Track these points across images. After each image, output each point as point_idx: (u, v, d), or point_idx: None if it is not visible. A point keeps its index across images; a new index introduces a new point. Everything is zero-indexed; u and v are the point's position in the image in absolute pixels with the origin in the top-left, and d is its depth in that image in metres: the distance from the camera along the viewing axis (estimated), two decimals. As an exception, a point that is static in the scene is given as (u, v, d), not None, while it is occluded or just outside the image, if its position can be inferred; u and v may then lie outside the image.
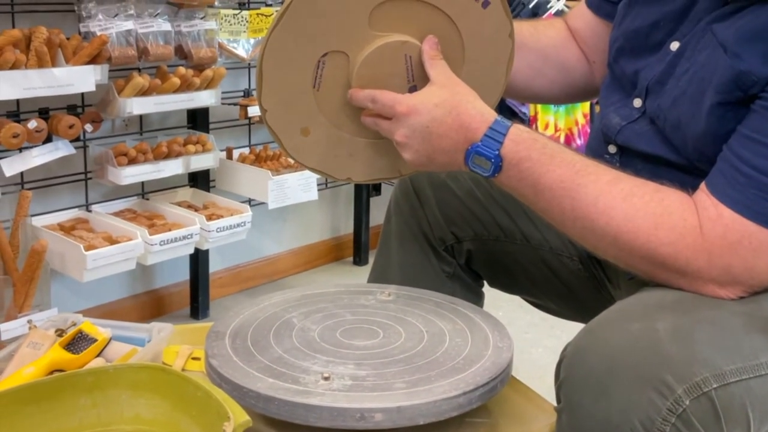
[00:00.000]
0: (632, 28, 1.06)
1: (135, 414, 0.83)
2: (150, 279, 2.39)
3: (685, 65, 0.96)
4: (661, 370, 0.74)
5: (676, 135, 0.97)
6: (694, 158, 0.96)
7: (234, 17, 2.22)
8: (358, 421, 0.80)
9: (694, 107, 0.93)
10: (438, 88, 0.96)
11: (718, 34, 0.92)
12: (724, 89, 0.89)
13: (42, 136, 1.85)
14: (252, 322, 0.98)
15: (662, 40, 1.01)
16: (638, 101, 1.02)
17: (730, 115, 0.90)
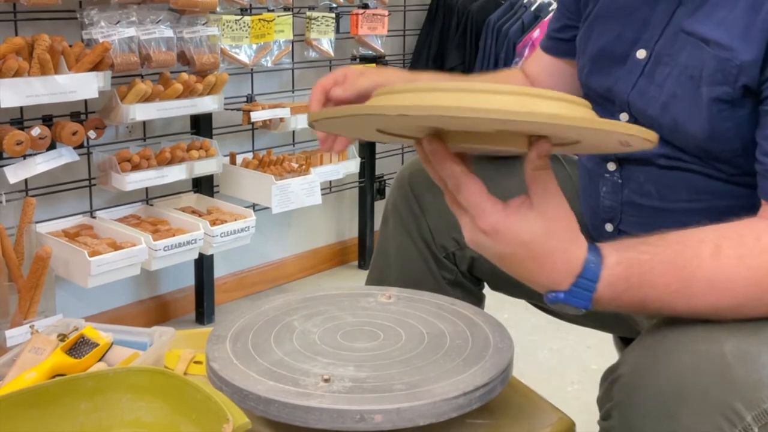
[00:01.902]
0: (595, 48, 1.07)
1: (135, 417, 0.83)
2: (155, 285, 2.40)
3: (665, 70, 0.97)
4: (729, 395, 0.72)
5: (676, 137, 0.97)
6: (701, 157, 0.96)
7: (236, 23, 2.23)
8: (357, 423, 0.80)
9: (691, 107, 0.93)
10: (534, 220, 0.78)
11: (695, 32, 0.93)
12: (715, 82, 0.90)
13: (46, 143, 1.86)
14: (253, 326, 0.98)
15: (626, 51, 1.02)
16: (624, 115, 1.03)
17: (727, 113, 0.90)
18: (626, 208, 1.05)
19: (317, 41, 2.53)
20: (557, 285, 0.79)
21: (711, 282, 0.79)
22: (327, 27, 2.54)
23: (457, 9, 2.81)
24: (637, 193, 1.04)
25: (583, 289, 0.79)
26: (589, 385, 2.02)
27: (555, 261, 0.79)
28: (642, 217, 1.03)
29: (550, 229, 0.78)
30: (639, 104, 1.00)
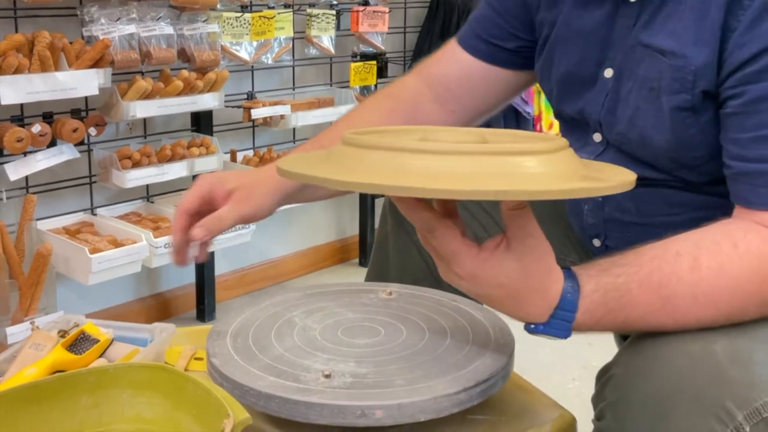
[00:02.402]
0: (560, 73, 1.06)
1: (136, 413, 0.83)
2: (156, 282, 2.40)
3: (627, 85, 0.96)
4: (721, 395, 0.72)
5: (645, 152, 0.96)
6: (671, 168, 0.96)
7: (236, 20, 2.23)
8: (358, 418, 0.80)
9: (655, 118, 0.93)
10: (511, 263, 0.78)
11: (650, 44, 0.93)
12: (674, 91, 0.89)
13: (46, 140, 1.86)
14: (253, 322, 0.98)
15: (594, 72, 1.01)
16: (597, 135, 1.03)
17: (690, 121, 0.90)
18: (609, 225, 1.05)
19: (318, 38, 2.53)
20: (536, 318, 0.81)
21: (694, 296, 0.79)
22: (327, 24, 2.54)
23: (458, 6, 2.80)
24: (617, 210, 1.04)
25: (562, 320, 0.80)
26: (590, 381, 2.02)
27: (533, 299, 0.80)
28: (625, 233, 1.03)
29: (527, 270, 0.78)
30: (609, 122, 0.99)
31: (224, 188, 1.03)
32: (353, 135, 0.78)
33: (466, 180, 0.70)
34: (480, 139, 0.80)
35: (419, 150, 0.72)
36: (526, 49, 1.14)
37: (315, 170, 0.75)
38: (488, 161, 0.72)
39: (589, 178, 0.75)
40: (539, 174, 0.73)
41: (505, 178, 0.71)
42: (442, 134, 0.81)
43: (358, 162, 0.75)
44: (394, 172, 0.72)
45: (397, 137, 0.84)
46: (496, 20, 1.15)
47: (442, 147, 0.73)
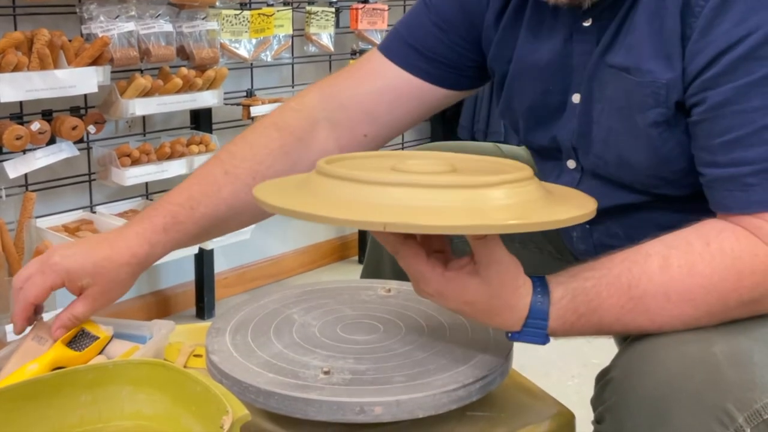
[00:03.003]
0: (526, 106, 1.03)
1: (135, 410, 0.83)
2: (155, 280, 2.40)
3: (597, 107, 0.95)
4: (721, 397, 0.72)
5: (624, 172, 0.95)
6: (652, 186, 0.95)
7: (235, 17, 2.23)
8: (357, 415, 0.80)
9: (630, 137, 0.92)
10: (476, 286, 0.80)
11: (615, 62, 0.92)
12: (648, 106, 0.88)
13: (45, 137, 1.86)
14: (252, 318, 0.98)
15: (561, 100, 0.99)
16: (572, 162, 1.01)
17: (666, 134, 0.89)
18: (600, 250, 1.02)
19: (317, 36, 2.53)
20: (510, 328, 0.83)
21: (666, 295, 0.79)
22: (327, 21, 2.54)
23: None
24: (606, 236, 1.03)
25: (536, 328, 0.82)
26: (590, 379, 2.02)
27: (502, 313, 0.82)
28: None
29: (493, 292, 0.80)
30: (583, 146, 0.98)
31: (77, 285, 0.99)
32: (326, 165, 0.82)
33: (437, 215, 0.73)
34: (449, 168, 0.83)
35: (391, 183, 0.76)
36: (470, 68, 1.09)
37: (291, 202, 0.78)
38: (458, 195, 0.75)
39: (550, 210, 0.78)
40: (506, 206, 0.76)
41: (472, 212, 0.74)
42: (412, 163, 0.83)
43: (332, 195, 0.78)
44: (367, 206, 0.75)
45: (370, 168, 0.86)
46: (438, 35, 1.07)
47: (413, 180, 0.77)
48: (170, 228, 1.02)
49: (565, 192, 0.87)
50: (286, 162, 1.07)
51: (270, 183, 0.88)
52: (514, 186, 0.78)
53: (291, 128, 1.09)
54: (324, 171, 0.81)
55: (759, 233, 0.81)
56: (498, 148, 1.26)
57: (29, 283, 0.98)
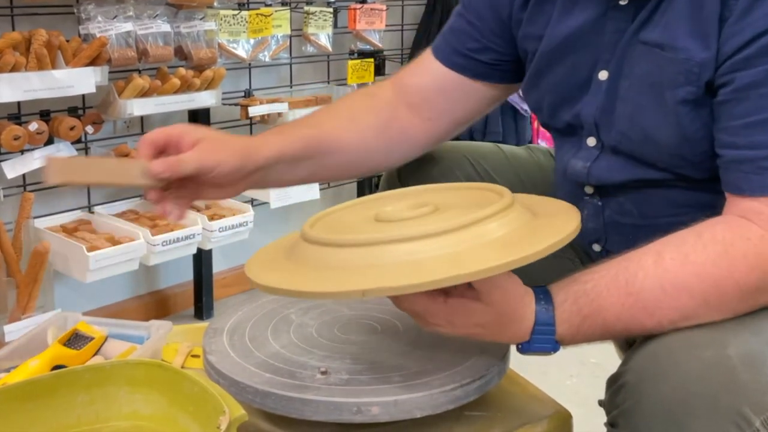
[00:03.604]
0: (552, 83, 1.05)
1: (132, 410, 0.83)
2: (153, 280, 2.40)
3: (625, 83, 0.96)
4: (737, 401, 0.72)
5: (647, 149, 0.96)
6: (674, 165, 0.95)
7: (233, 18, 2.23)
8: (354, 415, 0.80)
9: (658, 114, 0.93)
10: (481, 311, 0.82)
11: (649, 39, 0.93)
12: (679, 84, 0.89)
13: (43, 138, 1.86)
14: (250, 319, 0.98)
15: (588, 76, 1.01)
16: (592, 140, 1.02)
17: (694, 114, 0.90)
18: (610, 229, 1.05)
19: (315, 36, 2.53)
20: (520, 340, 0.84)
21: (662, 288, 0.80)
22: (325, 22, 2.54)
23: (455, 4, 2.80)
24: (618, 214, 1.03)
25: (543, 335, 0.83)
26: (588, 378, 2.03)
27: (511, 328, 0.83)
28: (626, 236, 1.02)
29: (499, 311, 0.82)
30: (606, 123, 0.99)
31: (193, 135, 0.99)
32: (309, 230, 0.84)
33: (416, 270, 0.74)
34: (431, 208, 0.84)
35: (370, 242, 0.78)
36: (502, 62, 1.13)
37: (284, 278, 0.80)
38: (438, 242, 0.77)
39: (545, 233, 0.79)
40: (488, 243, 0.78)
41: (452, 261, 0.75)
42: (390, 210, 0.86)
43: (315, 263, 0.80)
44: (348, 272, 0.77)
45: (352, 223, 0.87)
46: (472, 34, 1.14)
47: (392, 234, 0.78)
48: (275, 133, 1.07)
49: (544, 203, 0.88)
50: (377, 119, 1.15)
51: (262, 252, 0.90)
52: (497, 218, 0.79)
53: (382, 98, 1.18)
54: (307, 237, 0.83)
55: (757, 218, 0.81)
56: (499, 148, 1.26)
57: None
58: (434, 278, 0.73)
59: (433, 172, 1.20)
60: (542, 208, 0.87)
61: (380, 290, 0.73)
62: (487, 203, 0.82)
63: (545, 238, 0.78)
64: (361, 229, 0.83)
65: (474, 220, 0.78)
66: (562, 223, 0.82)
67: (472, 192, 0.90)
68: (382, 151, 1.16)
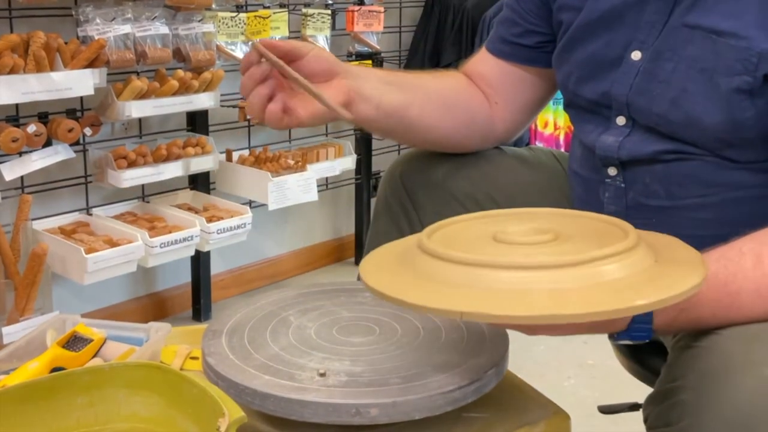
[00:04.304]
0: (583, 56, 1.06)
1: (132, 412, 0.83)
2: (151, 282, 2.40)
3: (667, 66, 0.96)
4: None
5: (690, 132, 0.96)
6: (716, 148, 0.95)
7: (231, 20, 2.23)
8: (353, 417, 0.80)
9: (707, 100, 0.93)
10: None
11: (700, 24, 0.93)
12: (734, 72, 0.89)
13: (41, 140, 1.86)
14: (249, 321, 0.98)
15: (619, 55, 1.01)
16: (621, 119, 1.02)
17: (748, 102, 0.90)
18: (632, 212, 1.03)
19: (313, 38, 2.53)
20: (618, 330, 0.83)
21: (758, 292, 0.81)
22: (323, 24, 2.54)
23: (453, 5, 2.81)
24: (643, 195, 1.02)
25: (642, 324, 0.82)
26: (585, 380, 2.03)
27: (614, 324, 0.82)
28: (650, 219, 1.02)
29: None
30: (641, 104, 0.99)
31: (303, 51, 1.02)
32: (427, 240, 0.82)
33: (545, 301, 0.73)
34: (550, 236, 0.82)
35: (492, 265, 0.76)
36: (545, 44, 1.15)
37: (388, 282, 0.80)
38: (563, 275, 0.75)
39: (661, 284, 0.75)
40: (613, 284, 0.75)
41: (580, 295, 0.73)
42: (510, 231, 0.85)
43: (426, 275, 0.79)
44: (471, 292, 0.75)
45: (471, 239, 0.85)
46: (513, 19, 1.17)
47: (516, 261, 0.76)
48: (383, 80, 1.11)
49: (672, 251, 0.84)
50: (463, 96, 1.19)
51: (378, 253, 0.90)
52: (616, 260, 0.76)
53: (467, 86, 1.22)
54: (422, 245, 0.82)
55: None
56: (500, 149, 1.26)
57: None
58: (531, 314, 0.72)
59: (435, 173, 1.19)
60: (668, 252, 0.83)
61: (479, 315, 0.73)
62: (610, 240, 0.80)
63: (657, 291, 0.74)
64: (476, 247, 0.82)
65: (593, 257, 0.76)
66: (682, 275, 0.77)
67: (598, 225, 0.87)
68: (469, 134, 1.19)
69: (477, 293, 0.75)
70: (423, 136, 1.18)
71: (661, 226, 0.88)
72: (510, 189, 1.20)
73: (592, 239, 0.82)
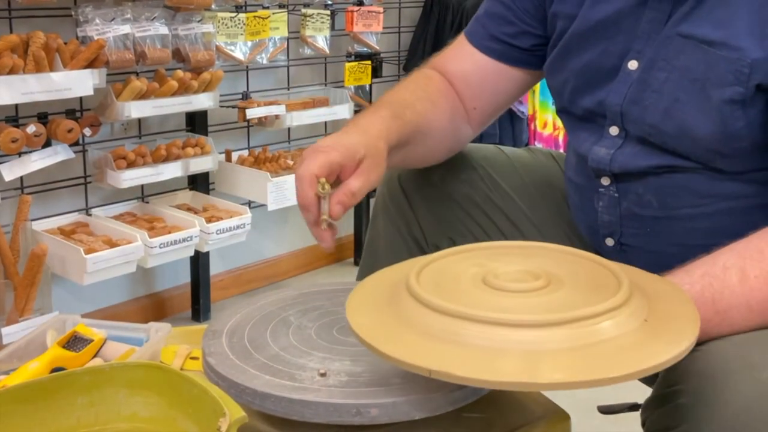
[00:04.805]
0: (579, 65, 1.04)
1: (132, 412, 0.83)
2: (151, 282, 2.40)
3: (660, 76, 0.95)
4: None
5: (681, 143, 0.95)
6: (708, 159, 0.95)
7: (231, 20, 2.23)
8: (354, 417, 0.80)
9: (699, 111, 0.92)
10: None
11: (693, 34, 0.92)
12: (726, 83, 0.89)
13: (41, 140, 1.86)
14: (249, 321, 0.98)
15: (616, 64, 1.00)
16: (615, 129, 1.01)
17: (740, 113, 0.90)
18: (626, 222, 1.03)
19: (312, 38, 2.53)
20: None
21: (749, 306, 0.81)
22: (322, 24, 2.54)
23: (453, 5, 2.81)
24: (636, 205, 1.02)
25: None
26: (584, 380, 2.03)
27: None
28: (644, 228, 1.02)
29: None
30: (634, 114, 0.98)
31: (355, 159, 0.94)
32: (415, 283, 0.81)
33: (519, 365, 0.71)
34: (542, 282, 0.80)
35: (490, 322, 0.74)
36: (540, 47, 1.12)
37: (366, 325, 0.80)
38: (550, 335, 0.73)
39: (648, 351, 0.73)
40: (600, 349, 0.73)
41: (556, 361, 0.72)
42: (501, 273, 0.83)
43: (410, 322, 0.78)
44: (445, 348, 0.74)
45: (456, 285, 0.83)
46: (510, 18, 1.13)
47: (506, 319, 0.74)
48: (395, 118, 1.03)
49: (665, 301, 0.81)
50: (447, 101, 1.13)
51: (371, 283, 0.90)
52: (608, 317, 0.74)
53: (440, 81, 1.16)
54: (410, 288, 0.81)
55: None
56: (500, 150, 1.26)
57: (310, 158, 0.92)
58: (498, 379, 0.71)
59: (433, 175, 1.19)
60: (662, 304, 0.80)
61: (446, 375, 0.72)
62: (602, 291, 0.78)
63: (635, 362, 0.72)
64: (462, 292, 0.81)
65: (577, 317, 0.74)
66: (667, 342, 0.75)
67: (594, 270, 0.85)
68: (451, 139, 1.15)
69: (451, 350, 0.74)
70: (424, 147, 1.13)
71: (655, 236, 0.88)
72: (508, 191, 1.20)
73: (584, 289, 0.80)
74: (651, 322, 0.77)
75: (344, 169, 0.93)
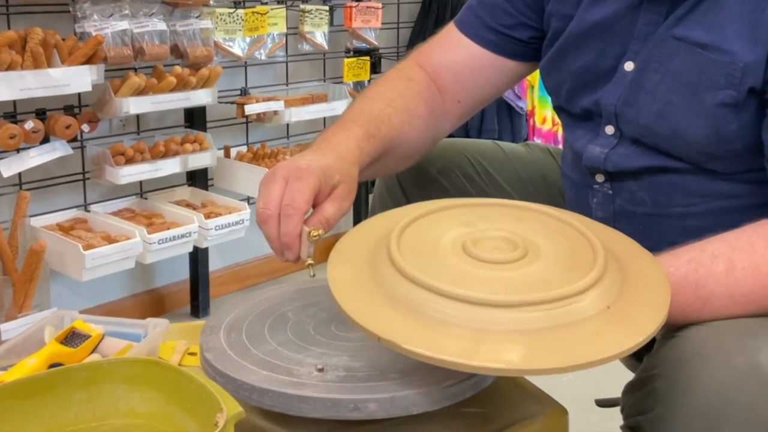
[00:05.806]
0: (577, 66, 1.04)
1: (130, 408, 0.83)
2: (150, 278, 2.40)
3: (654, 77, 0.95)
4: None
5: (674, 144, 0.95)
6: (701, 161, 0.95)
7: (229, 16, 2.23)
8: (351, 412, 0.81)
9: (691, 113, 0.92)
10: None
11: (687, 37, 0.92)
12: (718, 87, 0.89)
13: (39, 136, 1.86)
14: (247, 316, 0.98)
15: (613, 65, 1.00)
16: (610, 128, 1.01)
17: (732, 116, 0.90)
18: (620, 218, 1.04)
19: (311, 34, 2.53)
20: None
21: (731, 297, 0.81)
22: (321, 20, 2.54)
23: (451, 1, 2.81)
24: (630, 202, 1.02)
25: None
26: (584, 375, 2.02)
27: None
28: (637, 225, 1.02)
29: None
30: (628, 114, 0.98)
31: (330, 184, 0.91)
32: (395, 248, 0.81)
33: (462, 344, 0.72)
34: (520, 252, 0.81)
35: (453, 297, 0.75)
36: (537, 39, 1.11)
37: (344, 288, 0.81)
38: (523, 315, 0.73)
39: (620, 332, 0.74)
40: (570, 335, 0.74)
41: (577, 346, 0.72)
42: (480, 241, 0.83)
43: (390, 294, 0.79)
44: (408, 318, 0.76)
45: (433, 250, 0.83)
46: (507, 9, 1.11)
47: (471, 297, 0.74)
48: (369, 137, 0.99)
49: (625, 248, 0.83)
50: (426, 106, 1.10)
51: (355, 236, 0.91)
52: (567, 303, 0.75)
53: (419, 80, 1.13)
54: (389, 252, 0.82)
55: None
56: (497, 145, 1.26)
57: (291, 191, 0.88)
58: (440, 357, 0.72)
59: (431, 170, 1.19)
60: (635, 287, 0.80)
61: (392, 345, 0.73)
62: (577, 268, 0.78)
63: (588, 352, 0.73)
64: (438, 258, 0.81)
65: (542, 299, 0.74)
66: (628, 330, 0.75)
67: (576, 240, 0.84)
68: (429, 141, 1.13)
69: (405, 320, 0.75)
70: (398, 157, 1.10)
71: (648, 233, 0.88)
72: (504, 185, 1.20)
73: (558, 265, 0.80)
74: (613, 309, 0.76)
75: (319, 193, 0.90)
